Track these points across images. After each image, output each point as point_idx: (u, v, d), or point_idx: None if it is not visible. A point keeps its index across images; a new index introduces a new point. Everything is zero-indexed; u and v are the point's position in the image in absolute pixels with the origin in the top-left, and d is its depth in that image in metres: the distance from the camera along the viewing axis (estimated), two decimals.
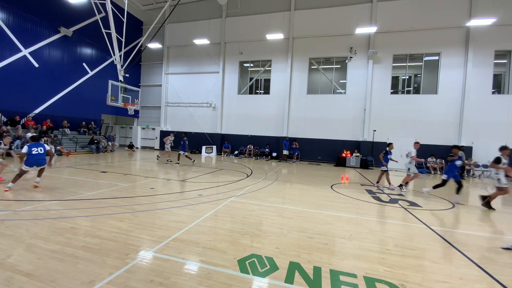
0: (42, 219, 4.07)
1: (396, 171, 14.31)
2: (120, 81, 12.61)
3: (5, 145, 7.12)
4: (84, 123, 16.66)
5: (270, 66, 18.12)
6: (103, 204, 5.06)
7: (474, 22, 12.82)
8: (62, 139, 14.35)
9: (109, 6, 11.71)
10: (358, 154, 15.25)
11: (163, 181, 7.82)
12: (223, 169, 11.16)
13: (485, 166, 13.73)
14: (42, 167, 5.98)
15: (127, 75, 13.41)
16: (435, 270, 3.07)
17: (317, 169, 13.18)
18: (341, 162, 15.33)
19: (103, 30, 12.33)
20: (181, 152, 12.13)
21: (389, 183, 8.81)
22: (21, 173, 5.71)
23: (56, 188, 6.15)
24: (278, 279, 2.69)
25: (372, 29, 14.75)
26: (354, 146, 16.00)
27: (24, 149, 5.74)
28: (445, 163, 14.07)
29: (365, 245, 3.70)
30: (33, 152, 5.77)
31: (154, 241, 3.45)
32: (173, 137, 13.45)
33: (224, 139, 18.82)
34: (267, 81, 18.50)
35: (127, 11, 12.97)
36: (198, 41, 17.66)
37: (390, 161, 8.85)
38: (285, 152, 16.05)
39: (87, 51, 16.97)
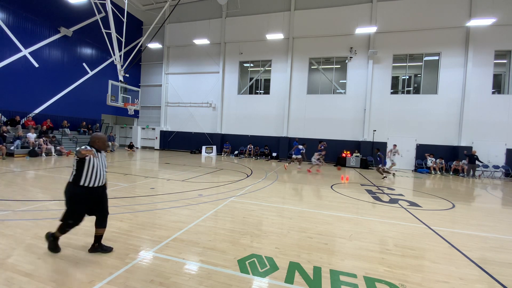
0: (42, 219, 4.07)
1: (396, 171, 14.32)
2: (120, 81, 12.61)
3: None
4: (84, 123, 16.65)
5: (270, 66, 18.11)
6: None
7: (474, 22, 12.80)
8: (62, 139, 14.36)
9: (109, 6, 11.71)
10: (358, 154, 15.25)
11: (163, 181, 7.82)
12: (223, 169, 11.16)
13: (485, 166, 13.74)
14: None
15: (127, 75, 13.40)
16: (435, 270, 3.07)
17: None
18: (341, 162, 15.33)
19: (103, 30, 12.33)
20: (380, 166, 11.29)
21: None
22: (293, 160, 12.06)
23: (56, 188, 6.15)
24: (278, 279, 2.69)
25: (372, 29, 14.73)
26: (354, 146, 16.00)
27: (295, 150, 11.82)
28: (445, 163, 14.08)
29: (365, 245, 3.70)
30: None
31: (154, 241, 3.45)
32: (397, 149, 12.54)
33: (224, 139, 18.82)
34: (267, 81, 18.49)
35: (127, 11, 12.98)
36: (198, 41, 17.65)
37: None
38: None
39: (87, 51, 16.96)
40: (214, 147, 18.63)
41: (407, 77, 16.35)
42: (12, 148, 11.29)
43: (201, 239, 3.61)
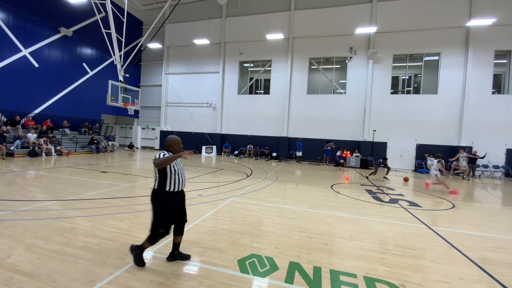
0: (42, 219, 4.07)
1: (396, 171, 14.32)
2: (120, 81, 12.61)
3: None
4: (86, 123, 16.65)
5: (270, 66, 18.11)
6: (103, 204, 5.06)
7: (474, 22, 12.80)
8: (62, 139, 14.35)
9: (109, 6, 11.71)
10: (358, 154, 15.25)
11: None
12: (223, 169, 11.16)
13: (485, 166, 13.73)
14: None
15: (127, 75, 13.40)
16: (435, 270, 3.07)
17: (317, 169, 13.18)
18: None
19: (103, 30, 12.34)
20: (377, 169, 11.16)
21: None
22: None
23: (56, 188, 6.15)
24: (278, 279, 2.69)
25: (372, 29, 14.74)
26: (354, 146, 15.99)
27: None
28: (445, 163, 14.06)
29: (365, 245, 3.70)
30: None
31: None
32: (465, 153, 12.02)
33: (224, 139, 18.81)
34: (267, 81, 18.49)
35: (127, 11, 12.99)
36: (198, 41, 17.65)
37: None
38: (299, 153, 15.85)
39: (87, 51, 16.96)
40: (214, 147, 18.62)
41: (407, 77, 16.35)
42: (12, 148, 11.29)
43: (201, 239, 3.61)
